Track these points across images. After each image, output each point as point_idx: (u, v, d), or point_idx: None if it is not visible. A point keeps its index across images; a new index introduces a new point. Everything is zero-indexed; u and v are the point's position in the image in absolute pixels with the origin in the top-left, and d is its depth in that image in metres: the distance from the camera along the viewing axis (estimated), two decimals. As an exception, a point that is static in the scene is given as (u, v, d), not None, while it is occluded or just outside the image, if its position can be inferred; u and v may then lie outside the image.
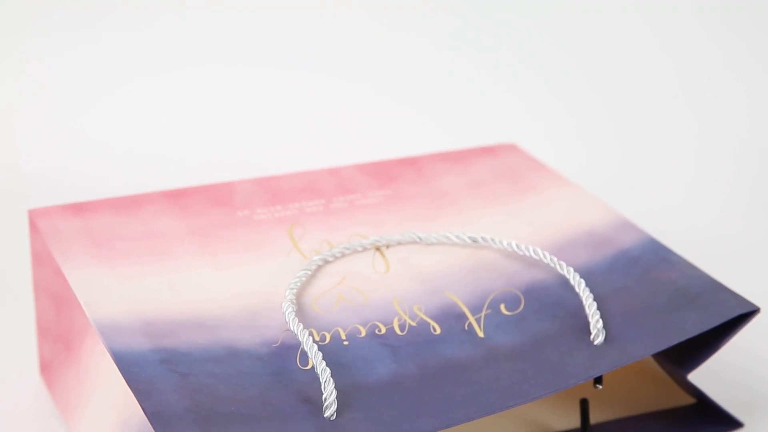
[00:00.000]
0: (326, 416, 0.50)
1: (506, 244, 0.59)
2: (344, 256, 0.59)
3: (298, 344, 0.53)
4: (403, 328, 0.54)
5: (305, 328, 0.53)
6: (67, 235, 0.58)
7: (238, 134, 0.88)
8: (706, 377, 0.61)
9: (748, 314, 0.55)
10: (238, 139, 0.87)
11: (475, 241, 0.59)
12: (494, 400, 0.51)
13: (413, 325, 0.55)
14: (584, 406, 0.56)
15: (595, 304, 0.55)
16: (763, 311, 0.57)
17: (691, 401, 0.59)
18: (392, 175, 0.65)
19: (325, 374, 0.50)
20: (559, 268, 0.57)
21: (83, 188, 0.80)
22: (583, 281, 0.56)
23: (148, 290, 0.55)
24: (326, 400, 0.50)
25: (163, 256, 0.57)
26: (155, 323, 0.53)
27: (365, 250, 0.59)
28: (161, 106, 0.88)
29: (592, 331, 0.54)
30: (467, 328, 0.55)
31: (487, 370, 0.52)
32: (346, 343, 0.53)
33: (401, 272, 0.58)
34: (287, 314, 0.53)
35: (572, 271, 0.56)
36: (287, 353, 0.52)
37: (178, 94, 0.89)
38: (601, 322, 0.54)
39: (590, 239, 0.60)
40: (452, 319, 0.55)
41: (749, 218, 0.80)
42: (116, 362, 0.50)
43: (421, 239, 0.60)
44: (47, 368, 0.61)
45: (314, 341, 0.53)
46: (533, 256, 0.58)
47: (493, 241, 0.59)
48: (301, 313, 0.55)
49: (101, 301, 0.54)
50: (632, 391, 0.59)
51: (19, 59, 0.88)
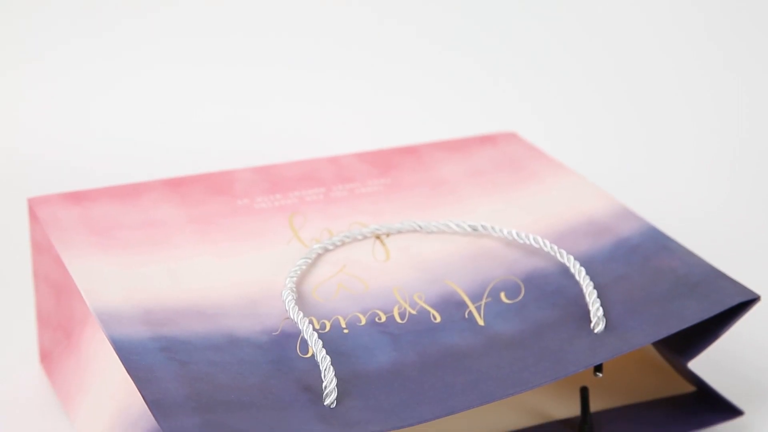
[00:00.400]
0: (326, 404, 0.50)
1: (506, 232, 0.59)
2: (344, 244, 0.59)
3: (298, 332, 0.53)
4: (403, 316, 0.54)
5: (305, 316, 0.53)
6: (66, 223, 0.58)
7: (238, 123, 0.88)
8: (706, 365, 0.61)
9: (748, 302, 0.55)
10: (238, 127, 0.87)
11: (475, 229, 0.59)
12: (494, 388, 0.51)
13: (413, 313, 0.55)
14: (584, 394, 0.56)
15: (595, 292, 0.55)
16: (763, 300, 0.57)
17: (691, 389, 0.59)
18: (392, 163, 0.65)
19: (325, 362, 0.50)
20: (559, 256, 0.57)
21: (83, 177, 0.80)
22: (583, 269, 0.56)
23: (147, 278, 0.55)
24: (326, 388, 0.50)
25: (163, 244, 0.57)
26: (155, 311, 0.53)
27: (365, 238, 0.59)
28: (161, 94, 0.88)
29: (592, 319, 0.54)
30: (467, 316, 0.55)
31: (487, 358, 0.52)
32: (346, 331, 0.53)
33: (401, 260, 0.58)
34: (287, 302, 0.53)
35: (572, 259, 0.56)
36: (287, 341, 0.52)
37: (178, 83, 0.89)
38: (601, 310, 0.54)
39: (590, 227, 0.60)
40: (452, 307, 0.55)
41: (749, 206, 0.80)
42: (116, 350, 0.50)
43: (421, 228, 0.60)
44: (47, 357, 0.61)
45: (314, 329, 0.53)
46: (533, 244, 0.58)
47: (493, 229, 0.59)
48: (301, 301, 0.55)
49: (101, 289, 0.54)
50: (632, 379, 0.59)
51: (20, 49, 0.88)
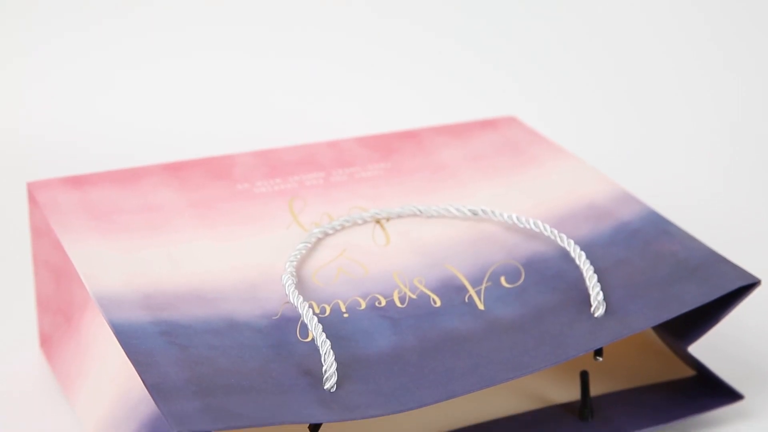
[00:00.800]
0: (326, 388, 0.49)
1: (506, 216, 0.59)
2: (344, 228, 0.59)
3: (298, 316, 0.53)
4: (403, 300, 0.54)
5: (305, 300, 0.53)
6: (66, 207, 0.58)
7: (237, 107, 0.87)
8: (706, 350, 0.61)
9: (748, 286, 0.55)
10: (237, 112, 0.87)
11: (475, 213, 0.59)
12: (494, 372, 0.51)
13: (413, 297, 0.55)
14: (584, 378, 0.56)
15: (595, 276, 0.55)
16: (762, 284, 0.57)
17: (691, 373, 0.59)
18: (392, 148, 0.65)
19: (325, 346, 0.50)
20: (559, 240, 0.57)
21: (82, 161, 0.80)
22: (583, 253, 0.56)
23: (147, 263, 0.55)
24: (326, 372, 0.50)
25: (162, 228, 0.57)
26: (155, 296, 0.53)
27: (365, 222, 0.59)
28: (161, 79, 0.88)
29: (592, 303, 0.54)
30: (467, 300, 0.55)
31: (487, 342, 0.52)
32: (346, 315, 0.53)
33: (401, 245, 0.58)
34: (287, 287, 0.53)
35: (573, 243, 0.56)
36: (287, 325, 0.52)
37: (178, 67, 0.89)
38: (601, 294, 0.54)
39: (591, 212, 0.60)
40: (452, 291, 0.55)
41: (749, 191, 0.80)
42: (116, 334, 0.50)
43: (421, 212, 0.60)
44: (47, 341, 0.61)
45: (314, 313, 0.52)
46: (533, 228, 0.58)
47: (493, 213, 0.59)
48: (301, 285, 0.55)
49: (101, 273, 0.54)
50: (633, 363, 0.59)
51: (22, 35, 0.88)
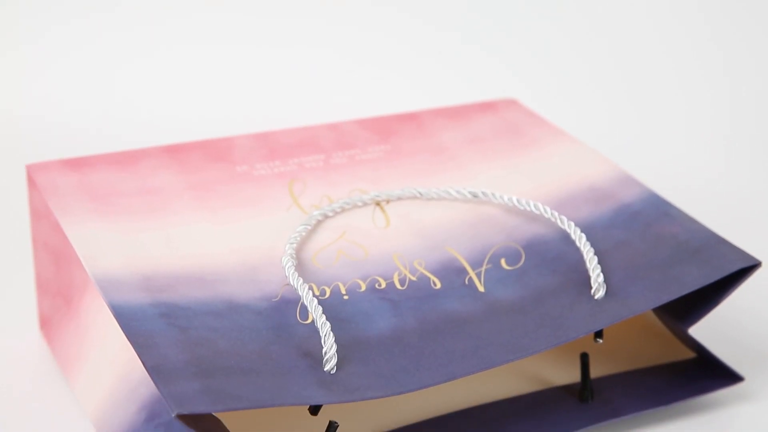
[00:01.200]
0: (326, 370, 0.49)
1: (507, 198, 0.59)
2: (344, 211, 0.59)
3: (297, 299, 0.53)
4: (403, 282, 0.54)
5: (305, 282, 0.53)
6: (65, 190, 0.58)
7: (237, 89, 0.87)
8: (706, 333, 0.61)
9: (749, 268, 0.55)
10: (237, 94, 0.87)
11: (475, 195, 0.59)
12: (494, 354, 0.51)
13: (413, 279, 0.54)
14: (585, 360, 0.56)
15: (596, 258, 0.55)
16: (762, 267, 0.57)
17: (691, 355, 0.59)
18: (392, 130, 0.65)
19: (325, 328, 0.50)
20: (559, 222, 0.57)
21: (81, 143, 0.80)
22: (584, 235, 0.56)
23: (147, 245, 0.55)
24: (326, 354, 0.50)
25: (161, 211, 0.57)
26: (154, 278, 0.53)
27: (365, 205, 0.59)
28: (160, 62, 0.88)
29: (592, 285, 0.54)
30: (467, 282, 0.55)
31: (487, 324, 0.52)
32: (346, 297, 0.53)
33: (401, 227, 0.58)
34: (287, 269, 0.53)
35: (573, 225, 0.56)
36: (287, 308, 0.52)
37: (177, 50, 0.89)
38: (601, 276, 0.54)
39: (591, 194, 0.60)
40: (452, 273, 0.55)
41: (750, 172, 0.80)
42: (116, 316, 0.50)
43: (421, 194, 0.59)
44: (47, 324, 0.61)
45: (314, 296, 0.52)
46: (534, 210, 0.58)
47: (493, 195, 0.59)
48: (300, 267, 0.54)
49: (100, 255, 0.54)
50: (633, 345, 0.59)
51: (21, 19, 0.88)
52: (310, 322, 0.52)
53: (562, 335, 0.52)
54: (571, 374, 0.57)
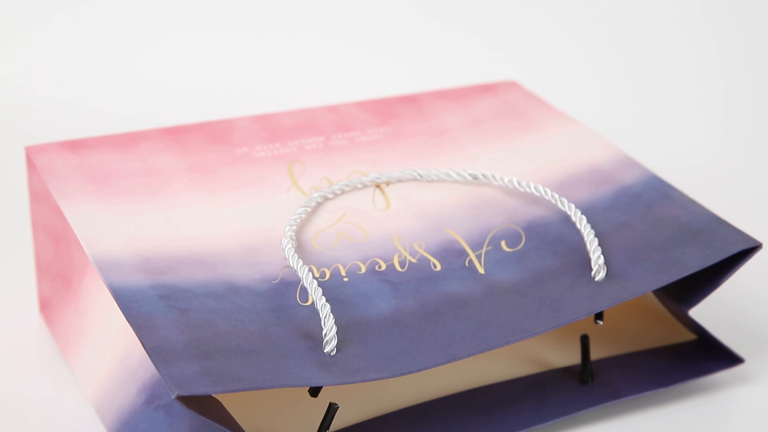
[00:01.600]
0: (326, 351, 0.49)
1: (507, 180, 0.58)
2: (344, 193, 0.58)
3: (297, 280, 0.53)
4: (403, 264, 0.54)
5: (305, 264, 0.53)
6: (64, 172, 0.58)
7: (237, 71, 0.87)
8: (706, 315, 0.61)
9: (749, 250, 0.55)
10: (237, 76, 0.87)
11: (475, 177, 0.59)
12: (495, 335, 0.51)
13: (413, 261, 0.54)
14: (585, 342, 0.56)
15: (596, 240, 0.55)
16: (762, 250, 0.57)
17: (691, 337, 0.59)
18: (392, 112, 0.65)
19: (325, 310, 0.50)
20: (560, 204, 0.57)
21: (81, 125, 0.79)
22: (584, 217, 0.56)
23: (146, 227, 0.55)
24: (326, 335, 0.50)
25: (161, 193, 0.57)
26: (154, 259, 0.53)
27: (365, 187, 0.59)
28: (159, 44, 0.88)
29: (593, 267, 0.54)
30: (468, 264, 0.54)
31: (487, 306, 0.52)
32: (346, 279, 0.53)
33: (401, 209, 0.57)
34: (287, 250, 0.53)
35: (573, 207, 0.56)
36: (287, 289, 0.52)
37: (177, 31, 0.88)
38: (602, 258, 0.54)
39: (592, 176, 0.60)
40: (453, 255, 0.55)
41: (746, 154, 0.80)
42: (115, 298, 0.50)
43: (421, 176, 0.59)
44: (47, 306, 0.61)
45: (314, 277, 0.52)
46: (534, 192, 0.58)
47: (493, 177, 0.59)
48: (300, 249, 0.54)
49: (100, 237, 0.54)
50: (633, 327, 0.59)
51: (21, 1, 0.88)
52: (310, 303, 0.52)
53: (562, 317, 0.52)
54: (571, 356, 0.57)
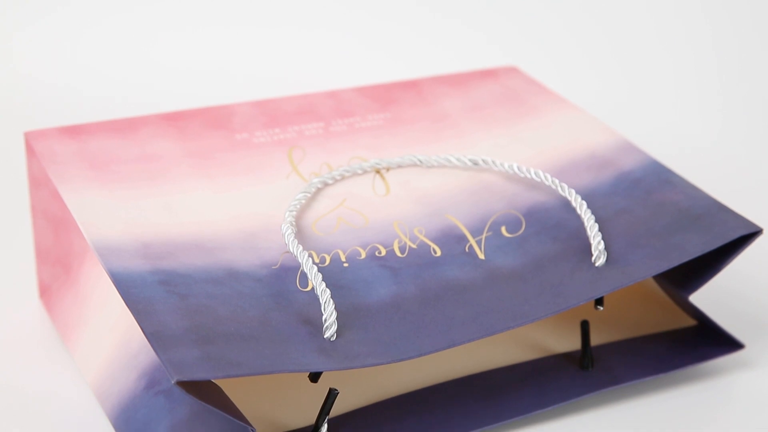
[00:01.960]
0: (326, 337, 0.49)
1: (507, 166, 0.58)
2: (344, 178, 0.58)
3: (297, 266, 0.52)
4: (403, 250, 0.54)
5: (305, 250, 0.53)
6: (64, 157, 0.58)
7: (237, 57, 0.87)
8: (706, 301, 0.61)
9: (750, 235, 0.54)
10: (236, 62, 0.86)
11: (475, 163, 0.59)
12: (495, 321, 0.51)
13: (413, 247, 0.54)
14: (585, 327, 0.56)
15: (596, 225, 0.54)
16: (762, 236, 0.57)
17: (692, 323, 0.59)
18: (392, 98, 0.65)
19: (325, 295, 0.50)
20: (560, 190, 0.56)
21: (80, 110, 0.79)
22: (584, 203, 0.55)
23: (146, 212, 0.54)
24: (326, 321, 0.49)
25: (160, 178, 0.57)
26: (153, 245, 0.52)
27: (365, 172, 0.59)
28: (159, 29, 0.88)
29: (593, 252, 0.54)
30: (468, 250, 0.54)
31: (487, 291, 0.52)
32: (346, 265, 0.53)
33: (401, 195, 0.57)
34: (286, 236, 0.53)
35: (574, 192, 0.56)
36: (287, 275, 0.52)
37: (177, 17, 0.88)
38: (602, 243, 0.54)
39: (592, 161, 0.60)
40: (453, 241, 0.55)
41: (744, 139, 0.80)
42: (115, 283, 0.50)
43: (421, 162, 0.59)
44: (46, 292, 0.61)
45: (314, 263, 0.52)
46: (534, 178, 0.57)
47: (494, 163, 0.59)
48: (300, 235, 0.54)
49: (99, 223, 0.53)
50: (633, 312, 0.59)
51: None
52: (309, 289, 0.52)
53: (562, 302, 0.52)
54: (571, 342, 0.57)
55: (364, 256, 0.54)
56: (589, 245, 0.54)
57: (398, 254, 0.54)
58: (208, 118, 0.62)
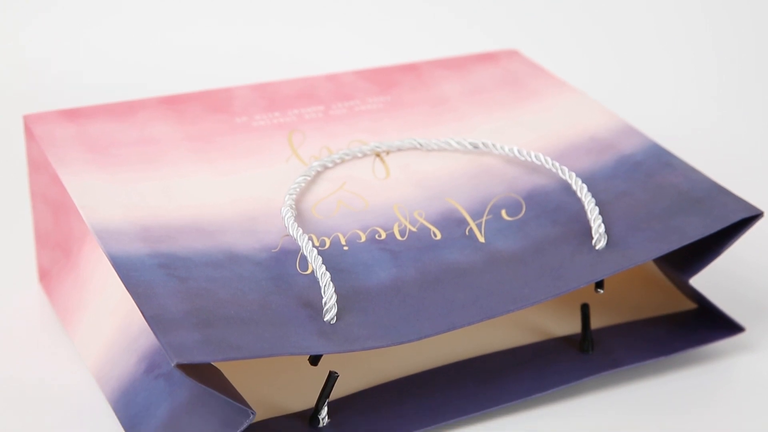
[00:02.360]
0: (326, 320, 0.49)
1: (507, 149, 0.58)
2: (344, 162, 0.58)
3: (297, 249, 0.52)
4: (403, 233, 0.54)
5: (305, 233, 0.53)
6: (63, 141, 0.58)
7: (236, 40, 0.87)
8: (706, 285, 0.61)
9: (750, 218, 0.54)
10: (235, 46, 0.86)
11: (476, 146, 0.59)
12: (495, 304, 0.51)
13: (413, 230, 0.54)
14: (585, 311, 0.55)
15: (597, 208, 0.54)
16: (762, 220, 0.57)
17: (692, 306, 0.59)
18: (392, 81, 0.65)
19: (324, 278, 0.50)
20: (561, 173, 0.56)
21: (78, 94, 0.79)
22: (585, 186, 0.55)
23: (145, 196, 0.54)
24: (326, 304, 0.49)
25: (160, 162, 0.57)
26: (153, 228, 0.52)
27: (365, 156, 0.59)
28: (158, 13, 0.87)
29: (593, 235, 0.54)
30: (468, 233, 0.54)
31: (487, 274, 0.52)
32: (346, 248, 0.53)
33: (401, 178, 0.57)
34: (286, 219, 0.53)
35: (574, 176, 0.56)
36: (287, 258, 0.52)
37: (176, 0, 0.88)
38: (602, 226, 0.54)
39: (592, 144, 0.60)
40: (453, 224, 0.55)
41: (742, 121, 0.80)
42: (114, 267, 0.50)
43: (421, 145, 0.59)
44: (46, 276, 0.61)
45: (314, 246, 0.52)
46: (535, 161, 0.57)
47: (494, 146, 0.59)
48: (300, 218, 0.54)
49: (99, 206, 0.53)
50: (633, 296, 0.59)
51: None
52: (309, 272, 0.52)
53: (562, 285, 0.52)
54: (571, 325, 0.57)
55: (364, 239, 0.54)
56: (589, 228, 0.54)
57: (398, 237, 0.54)
58: (207, 101, 0.62)
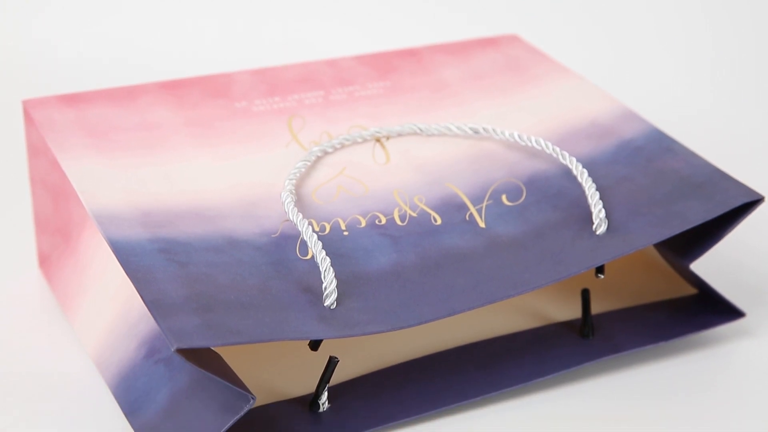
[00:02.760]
0: (326, 305, 0.49)
1: (508, 134, 0.58)
2: (344, 147, 0.58)
3: (297, 234, 0.52)
4: (403, 218, 0.54)
5: (305, 218, 0.52)
6: (62, 125, 0.57)
7: (236, 25, 0.86)
8: (707, 271, 0.61)
9: (751, 203, 0.54)
10: (235, 29, 0.86)
11: (476, 132, 0.59)
12: (495, 289, 0.51)
13: (414, 215, 0.54)
14: (585, 296, 0.55)
15: (597, 194, 0.54)
16: (762, 206, 0.57)
17: (692, 291, 0.59)
18: (392, 66, 0.64)
19: (324, 263, 0.50)
20: (561, 158, 0.56)
21: (78, 79, 0.79)
22: (585, 171, 0.55)
23: (145, 181, 0.54)
24: (326, 289, 0.49)
25: (159, 147, 0.57)
26: (153, 213, 0.52)
27: (365, 141, 0.59)
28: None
29: (594, 221, 0.54)
30: (468, 218, 0.54)
31: (488, 259, 0.52)
32: (346, 233, 0.53)
33: (402, 163, 0.57)
34: (286, 204, 0.53)
35: (575, 161, 0.56)
36: (287, 243, 0.52)
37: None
38: (603, 211, 0.54)
39: (593, 129, 0.60)
40: (453, 209, 0.55)
41: (739, 107, 0.79)
42: (114, 252, 0.50)
43: (421, 130, 0.59)
44: (46, 261, 0.61)
45: (314, 231, 0.52)
46: (535, 146, 0.57)
47: (494, 131, 0.58)
48: (300, 203, 0.54)
49: (98, 191, 0.53)
50: (634, 281, 0.59)
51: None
52: (309, 257, 0.51)
53: (562, 270, 0.52)
54: (572, 310, 0.57)
55: (364, 224, 0.54)
56: (589, 213, 0.54)
57: (398, 222, 0.54)
58: (207, 86, 0.62)
